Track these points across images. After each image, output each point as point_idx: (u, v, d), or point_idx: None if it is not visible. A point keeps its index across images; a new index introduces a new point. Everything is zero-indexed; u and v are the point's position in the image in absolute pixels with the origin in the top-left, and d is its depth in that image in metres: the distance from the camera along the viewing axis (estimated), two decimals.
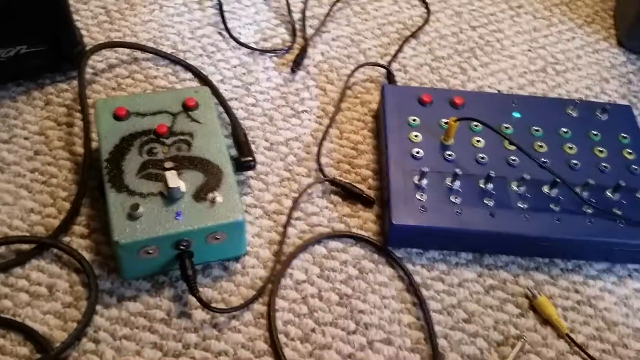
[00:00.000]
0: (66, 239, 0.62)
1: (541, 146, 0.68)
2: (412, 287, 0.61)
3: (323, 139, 0.72)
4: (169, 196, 0.57)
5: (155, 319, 0.57)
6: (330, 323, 0.59)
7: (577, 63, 0.85)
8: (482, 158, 0.66)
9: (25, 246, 0.61)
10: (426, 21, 0.87)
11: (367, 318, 0.59)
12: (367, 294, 0.61)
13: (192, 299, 0.58)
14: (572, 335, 0.59)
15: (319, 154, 0.71)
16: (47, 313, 0.57)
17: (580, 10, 0.92)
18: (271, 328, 0.57)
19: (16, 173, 0.66)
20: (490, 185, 0.64)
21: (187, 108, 0.64)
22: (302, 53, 0.80)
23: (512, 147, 0.67)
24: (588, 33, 0.89)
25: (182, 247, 0.57)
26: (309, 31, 0.84)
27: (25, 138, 0.69)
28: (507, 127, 0.70)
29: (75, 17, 0.76)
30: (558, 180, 0.63)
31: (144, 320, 0.57)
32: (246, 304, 0.58)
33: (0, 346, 0.55)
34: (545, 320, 0.60)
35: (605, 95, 0.81)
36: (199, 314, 0.58)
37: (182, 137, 0.62)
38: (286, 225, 0.64)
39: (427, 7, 0.89)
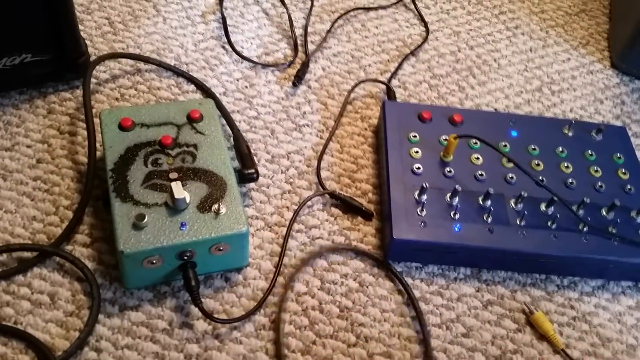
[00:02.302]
0: (68, 247, 0.62)
1: (538, 164, 0.70)
2: (411, 301, 0.61)
3: (323, 152, 0.73)
4: (174, 207, 0.57)
5: (157, 328, 0.58)
6: (331, 335, 0.59)
7: (572, 83, 0.87)
8: (481, 175, 0.68)
9: (27, 254, 0.61)
10: (425, 40, 0.88)
11: (367, 331, 0.60)
12: (367, 307, 0.61)
13: (194, 310, 0.59)
14: (567, 350, 0.60)
15: (319, 167, 0.71)
16: (49, 321, 0.57)
17: (575, 32, 0.94)
18: (279, 339, 0.58)
19: (18, 181, 0.66)
20: (488, 202, 0.65)
21: (191, 120, 0.65)
22: (304, 68, 0.81)
23: (510, 165, 0.69)
24: (583, 54, 0.91)
25: (185, 258, 0.57)
26: (311, 46, 0.85)
27: (28, 146, 0.69)
28: (504, 145, 0.71)
29: (79, 27, 0.77)
30: (555, 198, 0.65)
31: (146, 330, 0.57)
32: (247, 315, 0.59)
33: (2, 354, 0.55)
34: (542, 336, 0.61)
35: (600, 116, 0.83)
36: (201, 325, 0.58)
37: (186, 149, 0.62)
38: (286, 237, 0.65)
39: (426, 26, 0.90)
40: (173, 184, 0.57)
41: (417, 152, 0.69)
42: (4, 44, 0.68)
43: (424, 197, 0.65)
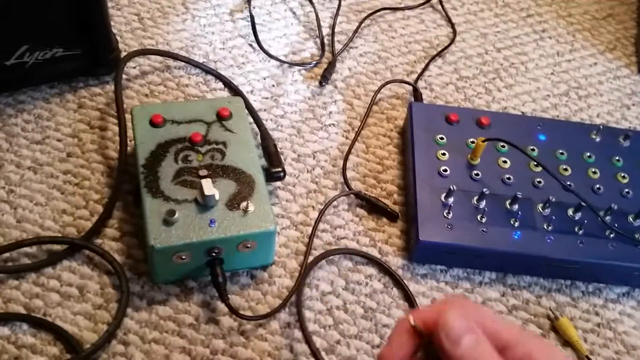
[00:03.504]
0: (98, 241, 0.63)
1: (566, 169, 0.69)
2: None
3: (349, 152, 0.73)
4: (204, 203, 0.58)
5: (184, 323, 0.58)
6: (355, 336, 0.60)
7: (599, 89, 0.86)
8: (508, 179, 0.67)
9: (57, 247, 0.62)
10: (452, 41, 0.88)
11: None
12: (391, 308, 0.62)
13: (220, 306, 0.59)
14: (591, 357, 0.60)
15: (344, 168, 0.72)
16: (78, 314, 0.58)
17: (602, 37, 0.94)
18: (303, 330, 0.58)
19: (49, 174, 0.67)
20: (515, 206, 0.65)
21: (221, 118, 0.65)
22: (330, 67, 0.81)
23: (538, 169, 0.68)
24: (609, 59, 0.91)
25: (213, 254, 0.57)
26: (337, 46, 0.85)
27: (58, 140, 0.70)
28: (532, 149, 0.71)
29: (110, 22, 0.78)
30: (582, 203, 0.64)
31: (173, 324, 0.58)
32: (273, 313, 0.59)
33: (31, 345, 0.56)
34: (566, 342, 0.61)
35: (626, 122, 0.82)
36: (227, 321, 0.59)
37: (216, 146, 0.63)
38: (312, 236, 0.65)
39: (453, 28, 0.90)
40: (203, 181, 0.58)
41: (444, 154, 0.69)
42: (36, 38, 0.69)
43: (451, 199, 0.65)
